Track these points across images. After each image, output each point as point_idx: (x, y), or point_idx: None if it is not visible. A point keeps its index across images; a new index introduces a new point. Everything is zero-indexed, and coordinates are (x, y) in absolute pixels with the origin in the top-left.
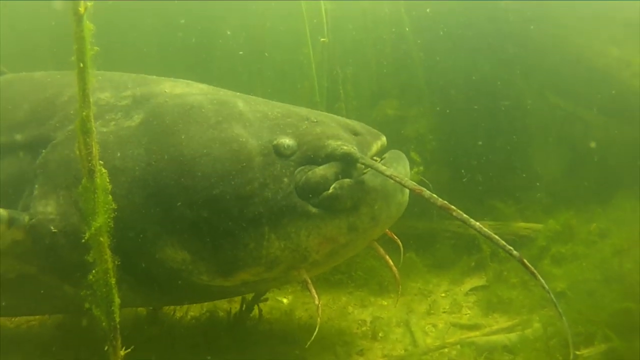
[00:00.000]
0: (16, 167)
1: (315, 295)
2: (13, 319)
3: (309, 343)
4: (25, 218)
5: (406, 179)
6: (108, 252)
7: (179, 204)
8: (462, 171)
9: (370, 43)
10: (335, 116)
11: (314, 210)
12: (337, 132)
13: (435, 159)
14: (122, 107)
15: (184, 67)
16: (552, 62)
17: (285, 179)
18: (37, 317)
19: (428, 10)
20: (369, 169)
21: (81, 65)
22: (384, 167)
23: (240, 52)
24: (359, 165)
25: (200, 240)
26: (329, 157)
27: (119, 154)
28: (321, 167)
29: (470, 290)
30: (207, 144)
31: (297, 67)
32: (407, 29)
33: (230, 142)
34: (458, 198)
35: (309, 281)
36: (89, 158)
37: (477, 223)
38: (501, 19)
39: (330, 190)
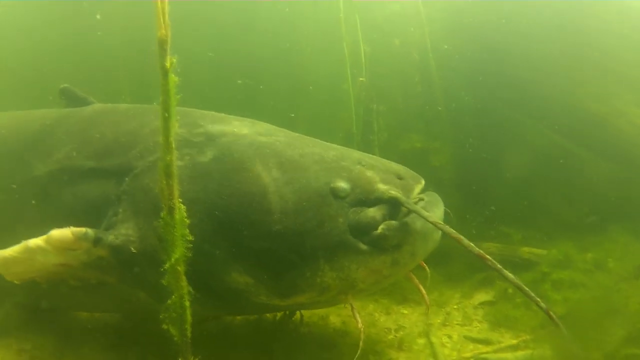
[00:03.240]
0: (102, 190)
1: (359, 319)
2: None
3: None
4: (110, 238)
5: (446, 225)
6: (184, 279)
7: (246, 235)
8: (476, 199)
9: (398, 82)
10: (382, 160)
11: (364, 247)
12: (385, 177)
13: (453, 187)
14: (196, 144)
15: (237, 104)
16: (557, 106)
17: (340, 219)
18: None
19: (446, 46)
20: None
21: (166, 115)
22: (426, 213)
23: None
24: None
25: (263, 267)
26: (378, 200)
27: (193, 187)
28: (371, 209)
29: (479, 304)
30: (272, 183)
31: (336, 102)
32: (433, 72)
33: (292, 182)
34: (470, 222)
35: (354, 306)
36: (170, 197)
37: (510, 274)
38: (515, 65)
39: (379, 231)
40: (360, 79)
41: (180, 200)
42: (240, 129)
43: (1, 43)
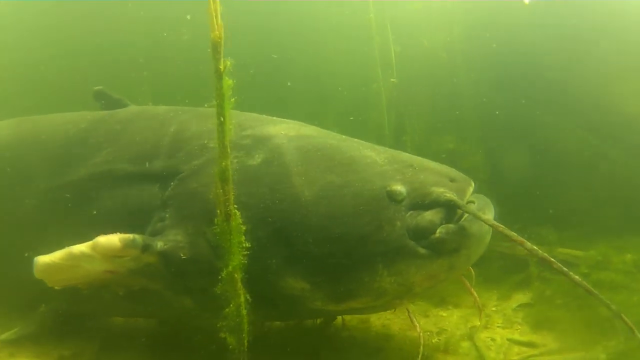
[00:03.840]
0: (146, 195)
1: (417, 323)
2: None
3: None
4: (158, 244)
5: (507, 228)
6: (241, 287)
7: (302, 240)
8: (509, 200)
9: (427, 82)
10: (432, 162)
11: (422, 251)
12: (439, 179)
13: (486, 189)
14: (244, 146)
15: (267, 106)
16: (590, 106)
17: (398, 223)
18: None
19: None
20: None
21: (221, 119)
22: (486, 217)
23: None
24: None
25: (320, 273)
26: (434, 203)
27: (244, 191)
28: (428, 213)
29: (518, 306)
30: (327, 186)
31: (366, 103)
32: (462, 72)
33: (347, 186)
34: (504, 224)
35: (410, 310)
36: (227, 203)
37: (577, 277)
38: (547, 66)
39: (437, 235)
40: (392, 79)
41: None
42: (288, 131)
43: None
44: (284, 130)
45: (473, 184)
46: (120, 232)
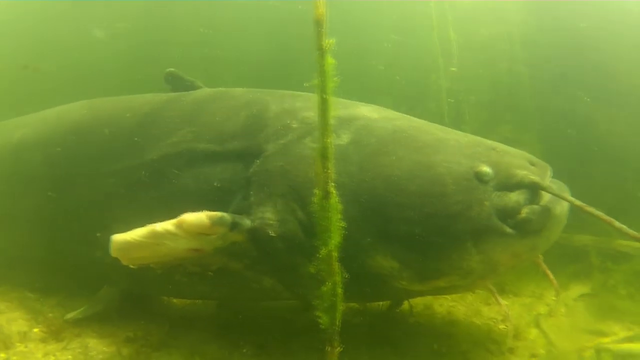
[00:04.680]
0: (229, 174)
1: (502, 302)
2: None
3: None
4: (247, 222)
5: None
6: (338, 266)
7: (393, 219)
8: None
9: (485, 72)
10: (511, 147)
11: (509, 230)
12: (521, 162)
13: None
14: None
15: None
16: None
17: (487, 203)
18: None
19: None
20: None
21: (324, 97)
22: (572, 198)
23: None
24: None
25: (410, 251)
26: (518, 185)
27: (334, 170)
28: (514, 193)
29: (579, 296)
30: (416, 166)
31: (423, 93)
32: (521, 62)
33: (436, 166)
34: None
35: (494, 290)
36: (327, 181)
37: None
38: (605, 57)
39: (524, 215)
40: (452, 69)
41: None
42: (370, 113)
43: None
44: (367, 112)
45: (550, 169)
46: (203, 211)
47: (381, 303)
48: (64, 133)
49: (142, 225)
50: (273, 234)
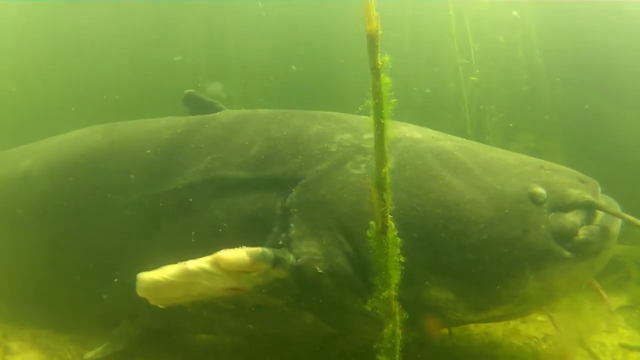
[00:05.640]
0: (262, 203)
1: (561, 328)
2: None
3: None
4: (290, 258)
5: None
6: (397, 305)
7: (447, 248)
8: None
9: (504, 81)
10: (553, 163)
11: (567, 254)
12: (572, 181)
13: None
14: (370, 150)
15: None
16: None
17: (543, 226)
18: None
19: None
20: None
21: (380, 121)
22: (629, 216)
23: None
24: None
25: (466, 281)
26: (574, 205)
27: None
28: (569, 214)
29: (617, 309)
30: (467, 190)
31: (441, 103)
32: (540, 70)
33: (488, 189)
34: None
35: (553, 316)
36: (384, 214)
37: None
38: (627, 64)
39: (582, 237)
40: (472, 78)
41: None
42: (412, 133)
43: None
44: (408, 132)
45: (599, 186)
46: (233, 245)
47: None
48: (76, 161)
49: (167, 262)
50: (320, 270)
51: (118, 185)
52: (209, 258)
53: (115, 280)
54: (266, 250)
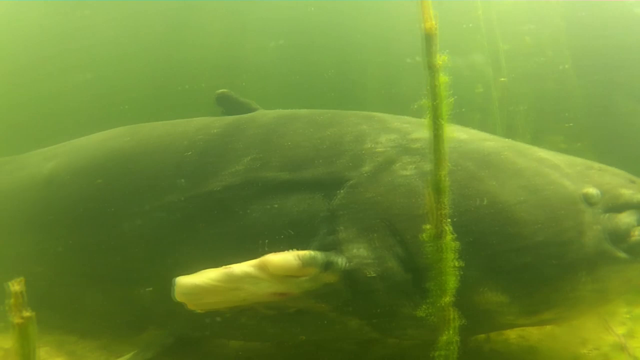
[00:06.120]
0: (305, 205)
1: (617, 332)
2: None
3: None
4: (341, 261)
5: None
6: (454, 312)
7: (502, 250)
8: None
9: (531, 81)
10: (603, 165)
11: (622, 255)
12: (622, 181)
13: None
14: (417, 151)
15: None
16: None
17: (597, 227)
18: None
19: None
20: None
21: (438, 122)
22: None
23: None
24: None
25: (521, 284)
26: (626, 205)
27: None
28: (623, 215)
29: None
30: (520, 191)
31: (468, 105)
32: (568, 70)
33: (542, 190)
34: None
35: (608, 320)
36: (440, 219)
37: None
38: None
39: (636, 237)
40: (501, 79)
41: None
42: (458, 134)
43: None
44: (454, 133)
45: None
46: (275, 248)
47: None
48: (104, 163)
49: (203, 266)
50: (372, 274)
51: (149, 187)
52: (254, 262)
53: (146, 286)
54: (316, 253)
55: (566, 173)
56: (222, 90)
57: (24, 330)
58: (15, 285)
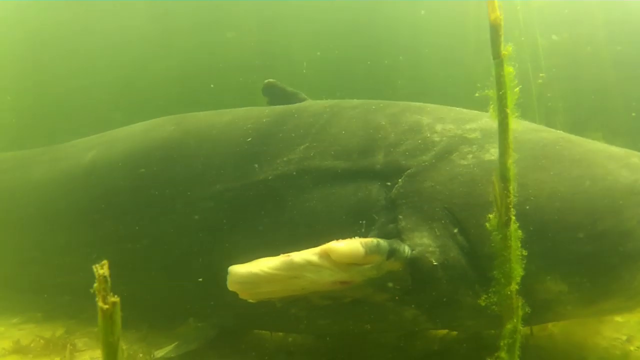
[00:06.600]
0: (362, 194)
1: None
2: None
3: None
4: (405, 249)
5: None
6: (520, 300)
7: (562, 239)
8: None
9: (569, 78)
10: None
11: None
12: None
13: None
14: (475, 140)
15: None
16: None
17: None
18: None
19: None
20: None
21: (504, 111)
22: None
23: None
24: None
25: (581, 273)
26: None
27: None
28: None
29: None
30: (579, 181)
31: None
32: (606, 66)
33: (601, 180)
34: None
35: None
36: (508, 207)
37: None
38: None
39: None
40: (540, 74)
41: (479, 203)
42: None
43: None
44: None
45: None
46: (331, 237)
47: None
48: (149, 152)
49: (255, 255)
50: (435, 262)
51: (196, 176)
52: (316, 250)
53: (191, 277)
54: (381, 241)
55: (623, 164)
56: (269, 80)
57: (110, 317)
58: (100, 269)
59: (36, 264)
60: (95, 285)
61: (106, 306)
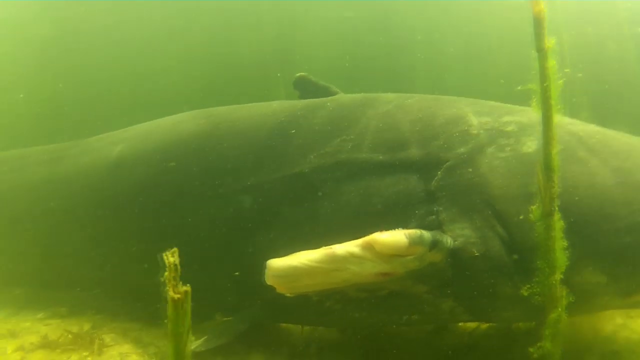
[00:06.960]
0: (401, 187)
1: None
2: None
3: None
4: (448, 240)
5: None
6: (563, 290)
7: (601, 230)
8: None
9: (597, 73)
10: None
11: None
12: None
13: None
14: (511, 133)
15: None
16: None
17: None
18: None
19: None
20: None
21: (548, 103)
22: None
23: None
24: None
25: (619, 264)
26: None
27: (530, 181)
28: None
29: None
30: (616, 173)
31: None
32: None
33: (638, 171)
34: None
35: None
36: (552, 197)
37: None
38: None
39: None
40: (565, 70)
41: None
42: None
43: None
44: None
45: None
46: (370, 229)
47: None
48: (177, 146)
49: (290, 249)
50: (477, 253)
51: (228, 169)
52: (359, 241)
53: (223, 271)
54: (424, 232)
55: None
56: (300, 73)
57: (181, 306)
58: (170, 257)
59: (66, 258)
60: (166, 273)
61: (177, 295)
